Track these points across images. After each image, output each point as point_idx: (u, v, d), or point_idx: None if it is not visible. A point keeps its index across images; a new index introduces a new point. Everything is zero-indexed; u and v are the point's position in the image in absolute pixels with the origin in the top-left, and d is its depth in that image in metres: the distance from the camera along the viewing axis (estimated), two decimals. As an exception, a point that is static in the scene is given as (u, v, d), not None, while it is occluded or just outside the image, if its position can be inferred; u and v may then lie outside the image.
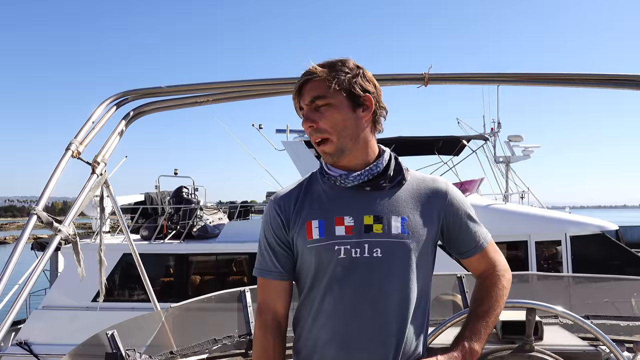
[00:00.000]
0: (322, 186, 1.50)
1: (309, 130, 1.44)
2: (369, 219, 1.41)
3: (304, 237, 1.44)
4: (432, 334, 2.17)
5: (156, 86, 2.94)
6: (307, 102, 1.43)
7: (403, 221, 1.42)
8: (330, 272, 1.41)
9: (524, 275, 3.64)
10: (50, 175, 2.38)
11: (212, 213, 11.92)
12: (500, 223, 9.88)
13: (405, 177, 1.49)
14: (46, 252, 2.18)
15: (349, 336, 1.39)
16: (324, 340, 1.41)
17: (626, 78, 2.76)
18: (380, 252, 1.40)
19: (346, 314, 1.39)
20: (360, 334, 1.38)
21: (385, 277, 1.40)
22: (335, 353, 1.39)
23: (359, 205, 1.43)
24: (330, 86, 1.40)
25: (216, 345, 2.72)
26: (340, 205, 1.44)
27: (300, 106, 1.47)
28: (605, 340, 2.10)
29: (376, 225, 1.41)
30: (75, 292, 9.46)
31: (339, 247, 1.40)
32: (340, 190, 1.47)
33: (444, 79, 2.95)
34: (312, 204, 1.47)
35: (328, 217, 1.43)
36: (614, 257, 9.64)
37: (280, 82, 3.03)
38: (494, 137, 12.64)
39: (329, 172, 1.49)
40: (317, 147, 1.45)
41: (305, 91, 1.44)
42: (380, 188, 1.45)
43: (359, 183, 1.45)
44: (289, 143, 11.53)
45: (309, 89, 1.43)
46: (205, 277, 10.40)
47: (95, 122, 2.69)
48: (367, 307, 1.38)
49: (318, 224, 1.43)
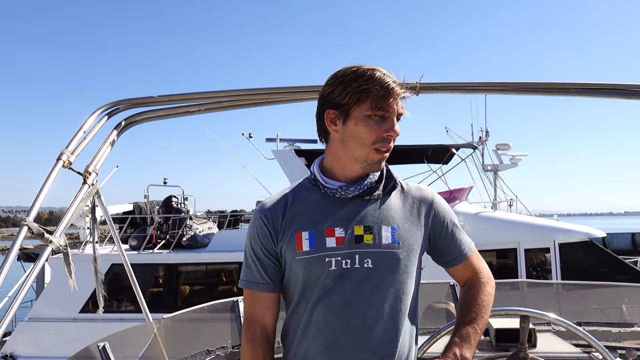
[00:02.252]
0: (311, 196, 1.48)
1: (392, 137, 1.41)
2: (359, 229, 1.41)
3: (293, 249, 1.41)
4: (426, 343, 2.17)
5: (148, 96, 2.93)
6: (399, 114, 1.42)
7: (393, 231, 1.42)
8: (321, 284, 1.39)
9: (515, 282, 3.66)
10: (41, 186, 2.35)
11: (201, 222, 11.87)
12: (490, 231, 9.96)
13: (396, 184, 1.51)
14: (37, 263, 2.15)
15: (340, 348, 1.37)
16: (314, 353, 1.39)
17: (616, 87, 2.80)
18: (371, 263, 1.39)
19: (337, 326, 1.37)
20: (351, 346, 1.37)
21: (376, 288, 1.39)
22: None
23: (349, 215, 1.42)
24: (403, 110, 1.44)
25: (209, 357, 2.69)
26: (330, 216, 1.43)
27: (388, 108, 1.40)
28: (598, 347, 2.11)
29: (367, 236, 1.40)
30: (62, 304, 9.35)
31: (330, 259, 1.38)
32: (331, 200, 1.45)
33: (435, 88, 2.97)
34: (302, 215, 1.44)
35: (318, 229, 1.41)
36: (601, 264, 9.74)
37: (271, 91, 3.03)
38: (482, 145, 12.76)
39: (326, 185, 1.46)
40: (378, 153, 1.41)
41: (400, 104, 1.42)
42: (375, 197, 1.45)
43: (359, 193, 1.44)
44: (279, 152, 11.53)
45: (402, 103, 1.43)
46: (194, 287, 10.33)
47: (86, 132, 2.66)
48: (358, 318, 1.37)
49: (308, 236, 1.41)
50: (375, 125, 1.39)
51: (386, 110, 1.39)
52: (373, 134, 1.39)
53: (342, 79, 1.41)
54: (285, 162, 11.11)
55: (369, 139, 1.39)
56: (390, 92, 1.38)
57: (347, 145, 1.42)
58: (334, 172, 1.48)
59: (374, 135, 1.39)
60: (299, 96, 3.06)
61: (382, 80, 1.38)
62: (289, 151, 11.46)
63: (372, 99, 1.38)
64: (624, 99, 2.90)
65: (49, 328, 9.14)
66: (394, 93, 1.38)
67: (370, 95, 1.37)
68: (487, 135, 12.92)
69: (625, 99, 2.89)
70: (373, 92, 1.37)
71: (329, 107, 1.44)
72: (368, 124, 1.39)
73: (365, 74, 1.40)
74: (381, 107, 1.38)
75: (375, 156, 1.41)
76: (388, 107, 1.38)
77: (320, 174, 1.48)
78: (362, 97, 1.38)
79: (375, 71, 1.40)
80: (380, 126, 1.39)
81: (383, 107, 1.38)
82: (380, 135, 1.39)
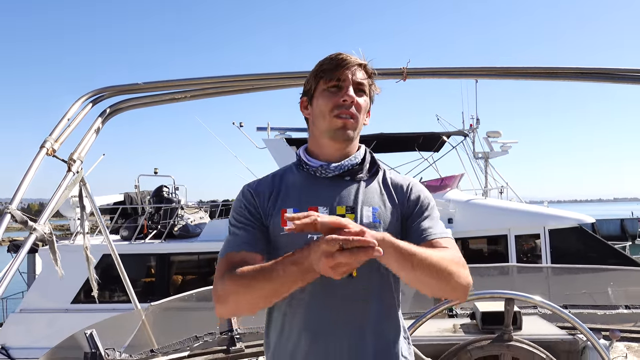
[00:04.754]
0: (296, 176, 1.52)
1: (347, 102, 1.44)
2: (341, 209, 1.44)
3: (278, 225, 1.44)
4: (413, 326, 2.19)
5: (133, 83, 2.90)
6: (357, 80, 1.47)
7: (374, 210, 1.45)
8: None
9: (504, 267, 3.67)
10: (24, 174, 2.33)
11: (193, 212, 11.85)
12: (481, 218, 10.03)
13: (378, 169, 1.55)
14: (21, 251, 2.13)
15: (324, 322, 1.40)
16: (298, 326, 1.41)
17: (606, 71, 2.80)
18: None
19: (321, 301, 1.40)
20: (337, 320, 1.39)
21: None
22: (311, 341, 1.40)
23: (332, 195, 1.46)
24: (369, 84, 1.51)
25: (197, 343, 2.69)
26: (314, 195, 1.47)
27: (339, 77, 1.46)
28: (582, 328, 2.13)
29: (349, 215, 1.42)
30: (53, 295, 9.33)
31: (312, 235, 1.39)
32: (314, 180, 1.49)
33: (422, 73, 2.96)
34: (287, 193, 1.49)
35: (302, 207, 1.44)
36: (591, 249, 9.84)
37: (257, 77, 3.01)
38: (473, 133, 12.77)
39: (308, 163, 1.51)
40: (338, 119, 1.44)
41: (353, 70, 1.47)
42: (357, 179, 1.49)
43: (338, 173, 1.48)
44: (270, 141, 11.51)
45: (357, 71, 1.47)
46: (187, 277, 10.33)
47: (70, 120, 2.63)
48: (338, 296, 1.39)
49: (293, 212, 1.41)
50: (331, 95, 1.46)
51: (338, 79, 1.46)
52: (330, 103, 1.45)
53: (312, 70, 1.53)
54: (277, 151, 11.09)
55: (327, 108, 1.46)
56: (339, 63, 1.46)
57: (316, 122, 1.51)
58: (315, 154, 1.53)
59: (330, 104, 1.45)
60: (285, 82, 3.05)
61: (332, 56, 1.48)
62: (280, 140, 11.44)
63: (325, 74, 1.47)
64: (614, 84, 2.90)
65: (40, 319, 9.13)
66: (344, 63, 1.46)
67: (324, 72, 1.48)
68: (478, 122, 12.94)
69: (614, 84, 2.89)
70: (325, 68, 1.48)
71: (302, 95, 1.57)
72: (325, 96, 1.47)
73: (325, 58, 1.50)
74: (332, 78, 1.46)
75: (337, 122, 1.45)
76: (340, 76, 1.46)
77: (304, 154, 1.54)
78: (318, 76, 1.49)
79: (335, 53, 1.49)
80: (336, 95, 1.46)
81: (334, 77, 1.46)
82: (336, 102, 1.45)
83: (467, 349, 2.18)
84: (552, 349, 2.21)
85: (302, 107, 1.56)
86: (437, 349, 2.26)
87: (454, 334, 2.41)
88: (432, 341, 2.30)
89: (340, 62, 1.46)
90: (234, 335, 2.73)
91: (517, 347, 2.15)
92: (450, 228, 7.70)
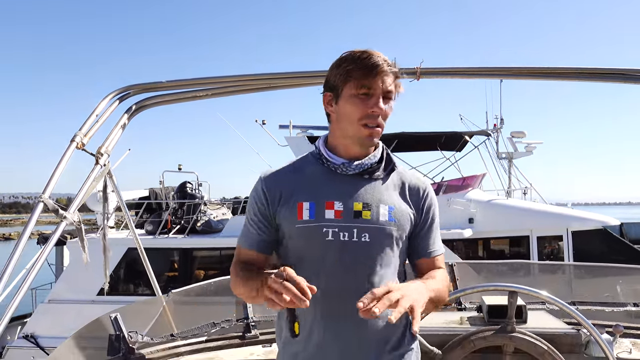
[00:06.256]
0: (314, 169, 1.55)
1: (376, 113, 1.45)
2: (358, 205, 1.47)
3: (294, 218, 1.48)
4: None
5: (157, 81, 3.03)
6: (386, 89, 1.46)
7: (390, 210, 1.49)
8: (318, 254, 1.46)
9: (514, 263, 3.70)
10: (56, 166, 2.48)
11: (215, 208, 12.04)
12: (502, 218, 9.95)
13: (394, 167, 1.57)
14: (52, 238, 2.28)
15: (336, 317, 1.45)
16: (310, 321, 1.46)
17: (619, 72, 2.80)
18: (368, 237, 1.46)
19: (333, 295, 1.44)
20: (347, 315, 1.41)
21: (373, 261, 1.47)
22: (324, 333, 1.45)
23: (349, 191, 1.49)
24: (397, 90, 1.49)
25: (215, 329, 2.82)
26: (331, 190, 1.49)
27: (370, 85, 1.45)
28: (585, 323, 2.19)
29: (365, 212, 1.47)
30: (80, 286, 9.60)
31: (327, 229, 1.45)
32: (333, 176, 1.52)
33: (436, 72, 3.02)
34: (304, 186, 1.52)
35: (319, 200, 1.48)
36: (615, 252, 9.66)
37: (277, 76, 3.11)
38: (497, 133, 12.69)
39: (330, 159, 1.54)
40: (366, 128, 1.47)
41: (385, 78, 1.45)
42: (374, 177, 1.53)
43: (359, 172, 1.52)
44: (292, 139, 11.63)
45: (388, 78, 1.46)
46: (209, 272, 10.51)
47: (98, 116, 2.78)
48: (354, 288, 1.43)
49: (309, 206, 1.48)
50: (361, 103, 1.45)
51: (369, 88, 1.45)
52: (358, 112, 1.46)
53: (336, 63, 1.50)
54: (298, 148, 11.18)
55: (355, 116, 1.46)
56: (371, 71, 1.44)
57: (341, 124, 1.51)
58: (336, 150, 1.55)
59: (359, 113, 1.46)
60: (305, 81, 3.14)
61: (365, 60, 1.45)
62: (302, 138, 11.56)
63: (355, 78, 1.45)
64: (625, 84, 2.91)
65: (68, 309, 9.39)
66: (376, 71, 1.44)
67: (354, 75, 1.45)
68: (502, 122, 12.86)
69: (625, 84, 2.90)
70: (356, 72, 1.45)
71: (326, 90, 1.54)
72: (354, 102, 1.46)
73: (352, 55, 1.47)
74: (364, 85, 1.45)
75: (364, 132, 1.47)
76: (371, 84, 1.44)
77: (325, 148, 1.56)
78: (348, 77, 1.46)
79: (364, 52, 1.46)
80: (365, 104, 1.45)
81: (366, 85, 1.45)
82: (365, 112, 1.45)
83: (471, 339, 2.25)
84: (555, 342, 2.27)
85: (326, 102, 1.55)
86: (442, 338, 2.34)
87: (460, 325, 2.49)
88: (437, 331, 2.38)
89: (373, 67, 1.44)
90: (250, 323, 2.86)
91: (519, 338, 2.22)
92: (470, 228, 7.79)
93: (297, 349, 1.49)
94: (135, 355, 2.53)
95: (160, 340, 2.69)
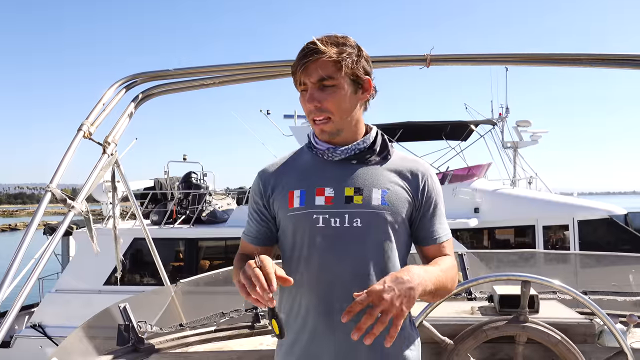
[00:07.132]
0: (305, 157, 1.54)
1: (312, 108, 1.42)
2: (349, 190, 1.44)
3: (285, 206, 1.48)
4: (428, 307, 2.25)
5: (164, 69, 3.00)
6: (314, 81, 1.40)
7: (383, 193, 1.44)
8: (310, 241, 1.44)
9: (524, 252, 3.68)
10: (63, 155, 2.46)
11: (220, 198, 12.06)
12: (507, 207, 9.93)
13: (390, 152, 1.52)
14: (60, 227, 2.26)
15: (329, 302, 1.41)
16: (305, 306, 1.44)
17: (629, 57, 2.76)
18: (360, 222, 1.43)
19: (326, 281, 1.42)
20: (342, 299, 1.39)
21: (365, 246, 1.43)
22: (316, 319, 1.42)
23: (340, 177, 1.46)
24: (339, 69, 1.40)
25: (223, 319, 2.82)
26: (322, 176, 1.48)
27: (302, 81, 1.43)
28: (598, 312, 2.17)
29: (357, 197, 1.44)
30: (87, 276, 9.66)
31: (317, 215, 1.43)
32: (324, 162, 1.50)
33: (446, 59, 2.97)
34: (295, 174, 1.51)
35: (309, 187, 1.46)
36: (621, 241, 9.65)
37: (286, 64, 3.07)
38: (502, 122, 12.62)
39: (316, 146, 1.52)
40: (314, 124, 1.46)
41: (312, 69, 1.39)
42: (366, 162, 1.49)
43: (345, 157, 1.49)
44: (297, 128, 11.61)
45: (317, 66, 1.39)
46: (214, 261, 10.55)
47: (105, 105, 2.75)
48: (347, 274, 1.41)
49: (299, 194, 1.47)
50: (303, 101, 1.46)
51: (303, 83, 1.43)
52: (305, 109, 1.47)
53: None
54: (303, 138, 11.14)
55: (305, 113, 1.48)
56: (299, 65, 1.41)
57: None
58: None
59: (305, 110, 1.47)
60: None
61: (299, 54, 1.43)
62: (307, 127, 11.51)
63: (294, 75, 1.46)
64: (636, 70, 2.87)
65: (75, 299, 9.46)
66: (302, 63, 1.40)
67: (294, 72, 1.45)
68: (508, 111, 12.77)
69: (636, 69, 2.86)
70: (294, 68, 1.44)
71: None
72: (301, 101, 1.47)
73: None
74: (298, 81, 1.45)
75: (315, 127, 1.47)
76: (302, 79, 1.43)
77: (314, 137, 1.54)
78: (293, 75, 1.47)
79: (305, 45, 1.43)
80: (304, 100, 1.45)
81: (299, 81, 1.44)
82: (306, 108, 1.46)
83: (483, 329, 2.23)
84: (568, 332, 2.24)
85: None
86: (453, 329, 2.32)
87: (471, 315, 2.47)
88: (449, 321, 2.36)
89: (299, 60, 1.41)
90: (258, 313, 2.85)
91: (532, 328, 2.20)
92: (476, 217, 7.77)
93: (293, 338, 1.47)
94: (144, 345, 2.53)
95: (170, 330, 2.69)
